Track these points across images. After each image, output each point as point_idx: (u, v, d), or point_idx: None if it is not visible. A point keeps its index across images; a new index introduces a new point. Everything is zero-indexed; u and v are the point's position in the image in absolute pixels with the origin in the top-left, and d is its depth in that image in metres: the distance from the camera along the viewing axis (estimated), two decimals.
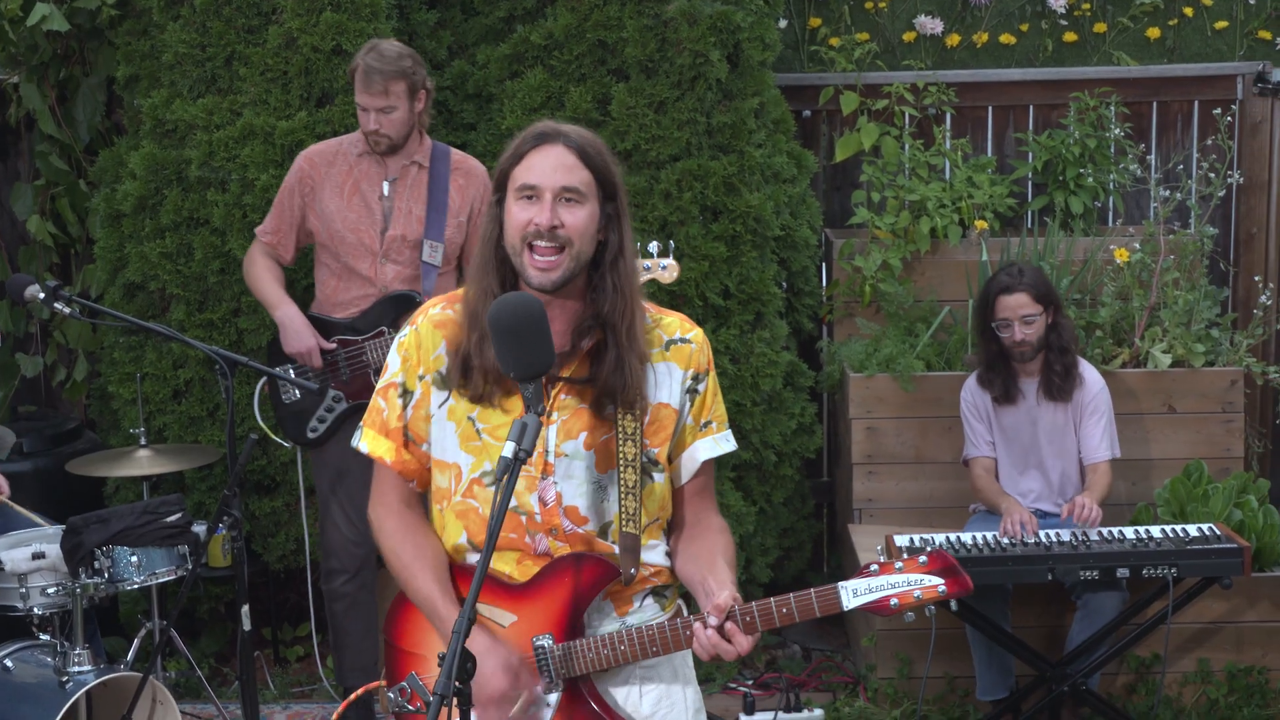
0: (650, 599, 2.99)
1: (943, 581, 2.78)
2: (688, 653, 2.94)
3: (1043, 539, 4.88)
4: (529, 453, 2.66)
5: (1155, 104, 6.55)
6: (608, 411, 2.88)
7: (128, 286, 5.80)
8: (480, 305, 2.84)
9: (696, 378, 2.96)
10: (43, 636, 4.58)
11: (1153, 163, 6.47)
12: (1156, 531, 4.91)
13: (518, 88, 5.69)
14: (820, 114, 6.54)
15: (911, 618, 2.84)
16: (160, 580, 4.68)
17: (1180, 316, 5.73)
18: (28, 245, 6.36)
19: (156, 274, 5.67)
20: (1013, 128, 6.57)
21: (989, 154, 6.51)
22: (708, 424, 2.99)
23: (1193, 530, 4.91)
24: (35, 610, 4.54)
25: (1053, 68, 6.56)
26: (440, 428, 2.94)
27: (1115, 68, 6.50)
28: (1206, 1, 6.54)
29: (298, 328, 4.99)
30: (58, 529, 4.71)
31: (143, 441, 5.23)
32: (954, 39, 6.58)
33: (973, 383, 5.30)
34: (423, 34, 5.88)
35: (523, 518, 2.90)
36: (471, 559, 2.95)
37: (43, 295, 4.53)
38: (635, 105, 5.59)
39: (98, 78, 6.18)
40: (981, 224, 6.04)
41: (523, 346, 2.71)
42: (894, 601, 2.80)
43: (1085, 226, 6.20)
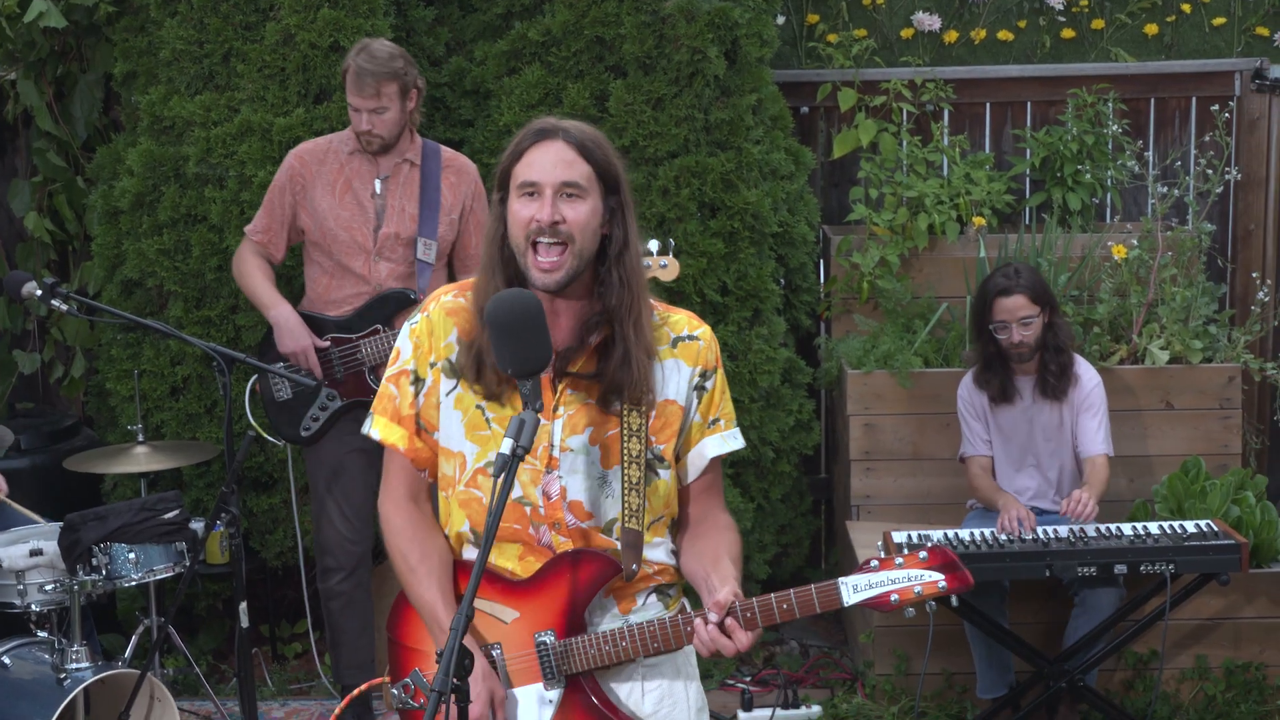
0: (654, 597, 2.98)
1: (943, 577, 2.78)
2: (690, 650, 2.94)
3: (1040, 535, 4.88)
4: (526, 449, 2.65)
5: (1153, 100, 6.55)
6: (614, 407, 2.87)
7: (125, 283, 5.79)
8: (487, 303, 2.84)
9: (704, 375, 2.95)
10: (40, 633, 4.58)
11: (1150, 159, 6.47)
12: (1154, 528, 4.92)
13: (515, 84, 5.68)
14: (818, 110, 6.54)
15: (912, 613, 2.83)
16: (158, 577, 4.68)
17: (1178, 313, 5.72)
18: (25, 242, 6.36)
19: (154, 271, 5.67)
20: (1010, 124, 6.57)
21: (987, 150, 6.51)
22: (716, 421, 2.98)
23: (1190, 527, 4.91)
24: (33, 607, 4.54)
25: (1050, 64, 6.55)
26: (447, 415, 2.93)
27: (1113, 64, 6.50)
28: None
29: (292, 327, 4.98)
30: (55, 526, 4.70)
31: (140, 438, 5.22)
32: (952, 35, 6.57)
33: (969, 381, 5.30)
34: (420, 30, 5.87)
35: (526, 509, 2.90)
36: (472, 549, 2.95)
37: (40, 292, 4.52)
38: (633, 102, 5.58)
39: (95, 74, 6.17)
40: (979, 220, 6.04)
41: (520, 343, 2.71)
42: (894, 597, 2.79)
43: (1083, 223, 6.19)
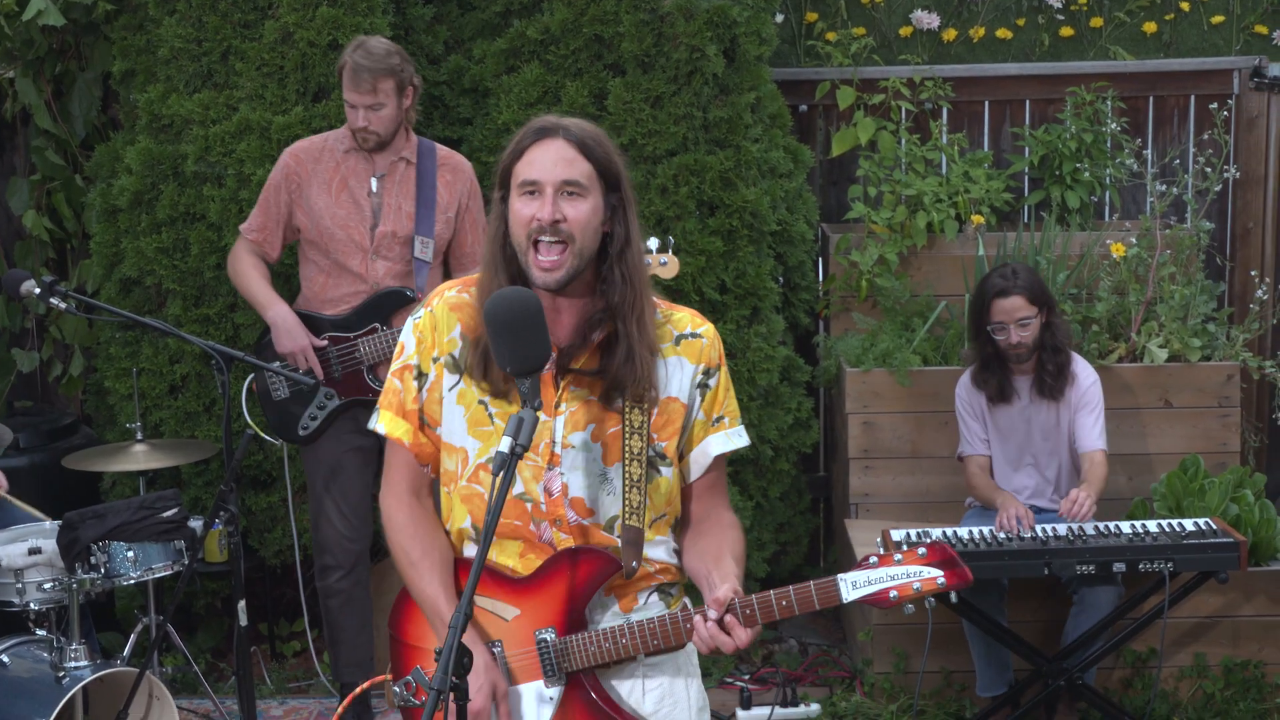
0: (655, 596, 2.98)
1: (942, 574, 2.77)
2: (692, 648, 2.93)
3: (1039, 533, 4.88)
4: (525, 448, 2.65)
5: (1152, 99, 6.55)
6: (616, 404, 2.87)
7: (124, 282, 5.79)
8: None
9: (708, 372, 2.95)
10: (39, 632, 4.58)
11: (1149, 157, 6.46)
12: (1153, 526, 4.91)
13: (514, 82, 5.68)
14: (817, 109, 6.54)
15: (911, 610, 2.83)
16: (157, 575, 4.67)
17: (1176, 311, 5.72)
18: (24, 240, 6.35)
19: (153, 269, 5.66)
20: (1009, 122, 6.57)
21: (985, 149, 6.51)
22: (720, 419, 2.97)
23: (1189, 525, 4.90)
24: (32, 605, 4.53)
25: (1049, 62, 6.55)
26: (450, 411, 2.93)
27: (1112, 62, 6.50)
28: None
29: (290, 327, 4.97)
30: (54, 524, 4.70)
31: (139, 436, 5.22)
32: (950, 34, 6.57)
33: (967, 381, 5.29)
34: (419, 29, 5.87)
35: (528, 505, 2.90)
36: (474, 546, 2.95)
37: (39, 290, 4.52)
38: (632, 100, 5.58)
39: (94, 73, 6.17)
40: (978, 219, 6.04)
41: (518, 342, 2.71)
42: (893, 594, 2.79)
43: (1082, 221, 6.19)
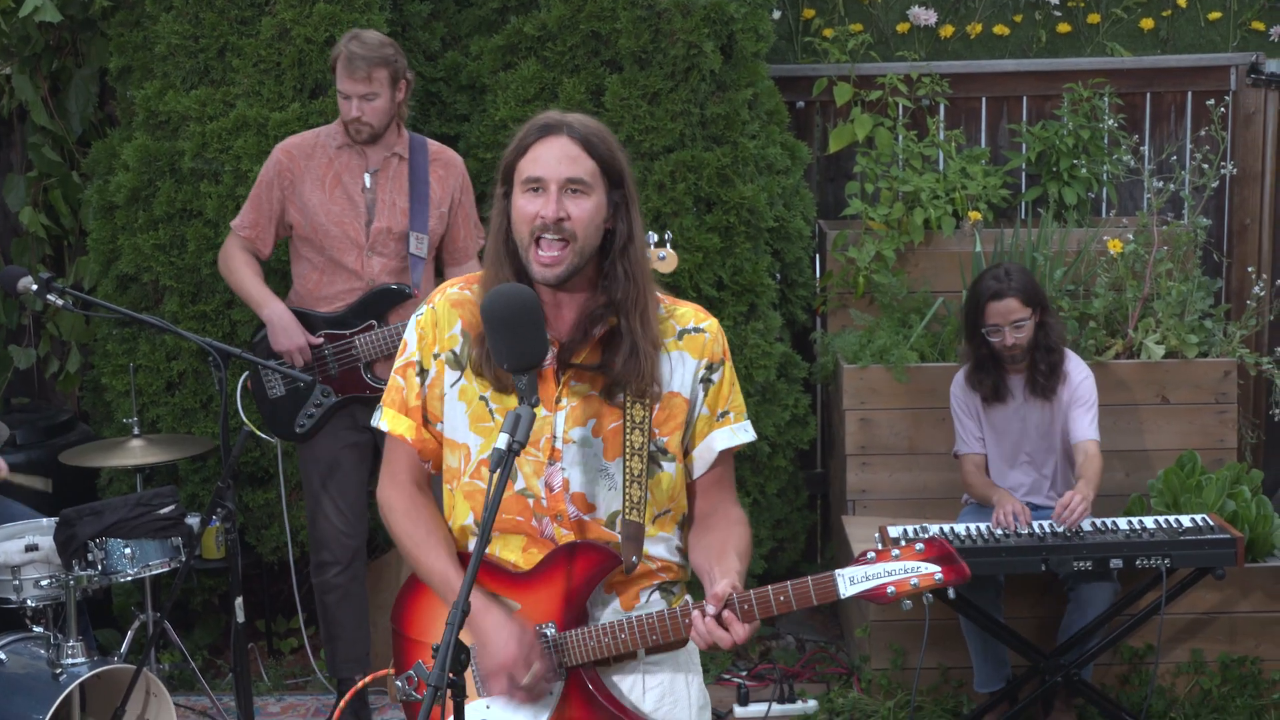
0: (657, 594, 2.96)
1: (940, 569, 2.77)
2: (693, 645, 2.92)
3: (1036, 530, 4.88)
4: (522, 445, 2.65)
5: (1149, 95, 6.55)
6: (617, 399, 2.86)
7: (121, 278, 5.79)
8: None
9: (711, 367, 2.94)
10: (36, 629, 4.58)
11: (1146, 154, 6.47)
12: (1150, 522, 4.91)
13: (511, 79, 5.68)
14: (814, 105, 6.54)
15: (909, 605, 2.82)
16: (154, 572, 4.67)
17: (1174, 307, 5.72)
18: (20, 237, 6.35)
19: (149, 266, 5.66)
20: (1006, 119, 6.57)
21: (983, 145, 6.51)
22: (725, 414, 2.96)
23: (1186, 521, 4.91)
24: (28, 602, 4.54)
25: (1046, 59, 6.56)
26: (451, 407, 2.93)
27: (1109, 58, 6.50)
28: None
29: (286, 325, 4.96)
30: (51, 521, 4.70)
31: (136, 433, 5.22)
32: (947, 30, 6.57)
33: (961, 380, 5.29)
34: (416, 25, 5.87)
35: (529, 500, 2.89)
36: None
37: (35, 287, 4.51)
38: (629, 96, 5.58)
39: (90, 69, 6.16)
40: (975, 215, 6.04)
41: (515, 338, 2.71)
42: (891, 589, 2.78)
43: (1079, 217, 6.20)
